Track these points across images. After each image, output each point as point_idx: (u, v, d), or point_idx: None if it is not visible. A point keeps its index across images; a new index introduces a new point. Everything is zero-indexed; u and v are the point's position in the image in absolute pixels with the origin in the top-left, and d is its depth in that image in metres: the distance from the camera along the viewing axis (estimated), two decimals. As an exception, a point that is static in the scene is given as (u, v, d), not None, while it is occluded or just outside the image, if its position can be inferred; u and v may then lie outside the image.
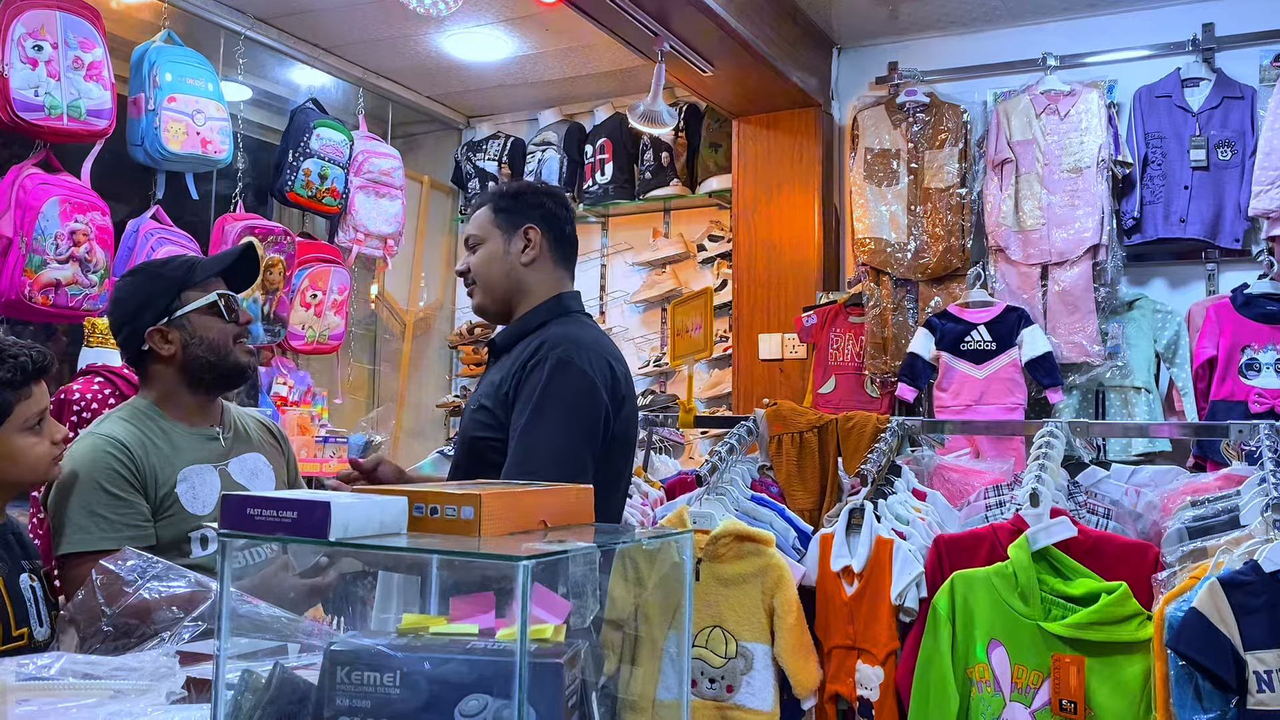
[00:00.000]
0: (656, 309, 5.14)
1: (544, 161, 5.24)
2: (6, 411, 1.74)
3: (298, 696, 1.19)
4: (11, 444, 1.76)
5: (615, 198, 5.04)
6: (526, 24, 4.39)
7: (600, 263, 5.35)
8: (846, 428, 2.84)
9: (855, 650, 2.48)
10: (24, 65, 3.28)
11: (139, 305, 2.10)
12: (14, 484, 1.82)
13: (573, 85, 5.11)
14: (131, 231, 3.68)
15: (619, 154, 5.02)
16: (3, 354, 1.75)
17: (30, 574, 1.79)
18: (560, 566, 1.28)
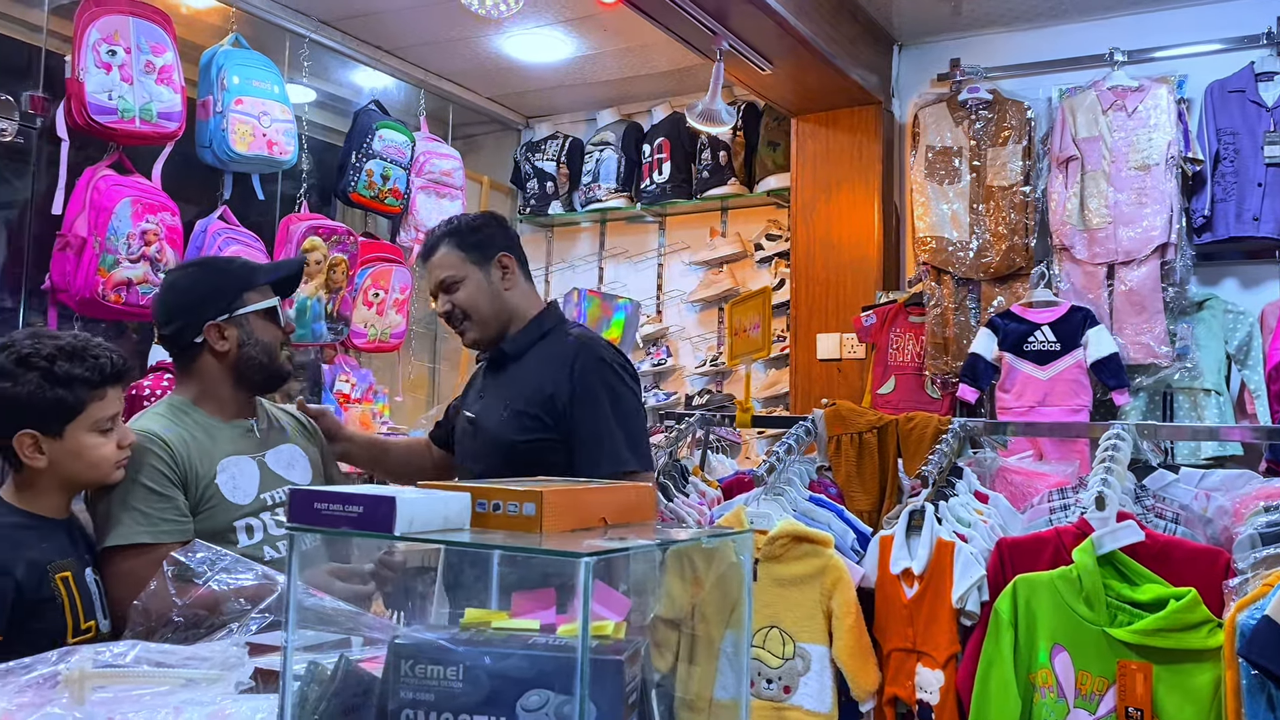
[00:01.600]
0: (713, 308, 5.13)
1: (602, 161, 5.26)
2: (79, 409, 1.78)
3: (362, 689, 1.21)
4: (79, 441, 1.79)
5: (672, 197, 5.04)
6: (585, 25, 4.41)
7: (657, 262, 5.35)
8: (907, 429, 2.81)
9: (915, 653, 2.45)
10: (99, 70, 3.37)
11: (201, 298, 2.12)
12: (76, 481, 1.85)
13: (631, 85, 5.12)
14: (200, 231, 3.76)
15: (676, 153, 5.02)
16: (84, 352, 1.79)
17: (93, 567, 1.84)
18: (621, 564, 1.29)
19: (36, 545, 1.74)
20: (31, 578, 1.70)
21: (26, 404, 1.74)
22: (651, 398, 5.11)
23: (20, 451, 1.76)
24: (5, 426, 1.75)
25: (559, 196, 5.42)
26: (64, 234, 3.36)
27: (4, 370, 1.74)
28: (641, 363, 5.15)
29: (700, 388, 5.05)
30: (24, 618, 1.68)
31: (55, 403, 1.75)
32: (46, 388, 1.74)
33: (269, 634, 1.41)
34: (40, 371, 1.74)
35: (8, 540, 1.72)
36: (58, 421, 1.77)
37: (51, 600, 1.71)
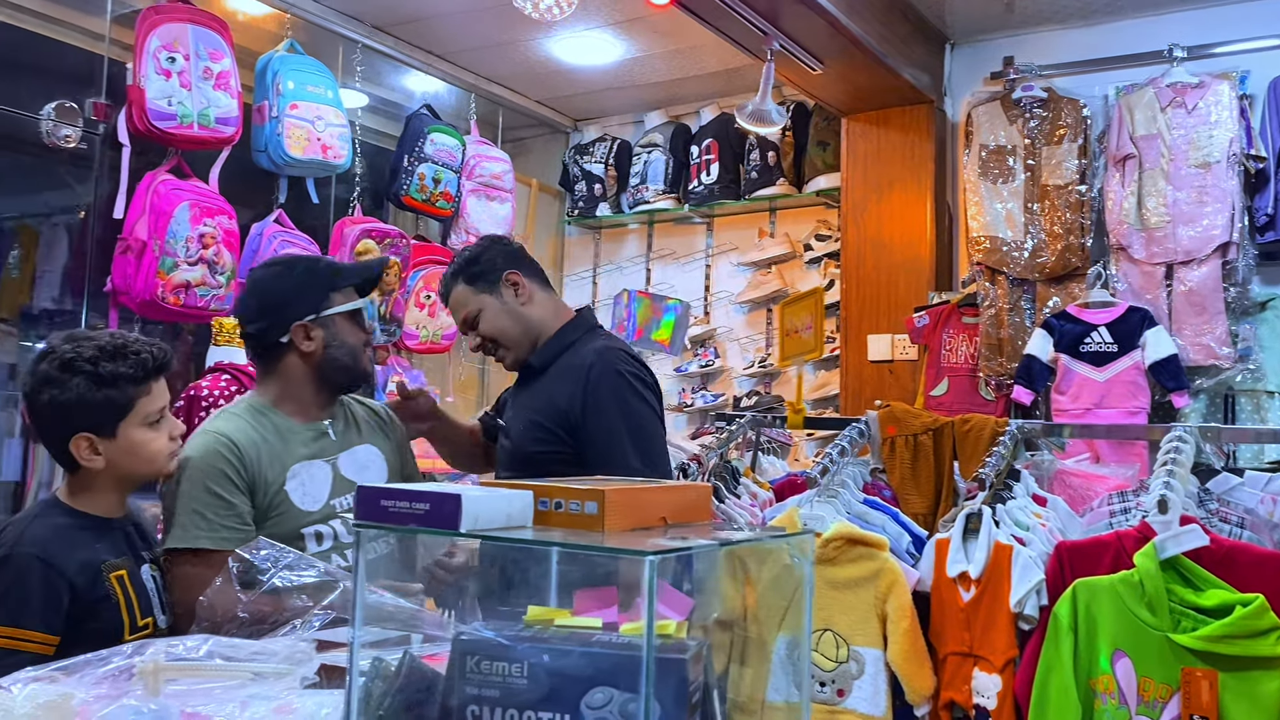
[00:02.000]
0: (762, 309, 5.11)
1: (650, 163, 5.27)
2: (128, 406, 1.79)
3: (425, 684, 1.22)
4: (130, 437, 1.81)
5: (721, 198, 5.03)
6: (635, 27, 4.42)
7: (705, 263, 5.35)
8: (963, 430, 2.78)
9: (972, 657, 2.42)
10: (158, 76, 3.44)
11: (289, 297, 2.11)
12: (131, 477, 1.86)
13: (679, 86, 5.12)
14: (256, 234, 3.82)
15: (725, 154, 5.01)
16: (126, 350, 1.80)
17: (150, 564, 1.86)
18: (682, 563, 1.29)
19: (91, 545, 1.76)
20: (86, 578, 1.72)
21: (77, 407, 1.75)
22: (699, 399, 5.11)
23: (78, 454, 1.78)
24: (59, 432, 1.77)
25: (607, 198, 5.43)
26: (125, 237, 3.43)
27: (50, 377, 1.76)
28: (689, 364, 5.15)
29: (748, 389, 5.03)
30: (81, 617, 1.71)
31: (105, 403, 1.77)
32: (94, 389, 1.76)
33: (332, 630, 1.43)
34: (85, 374, 1.75)
35: (62, 541, 1.74)
36: (109, 421, 1.78)
37: (107, 599, 1.73)
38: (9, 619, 1.66)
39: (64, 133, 3.50)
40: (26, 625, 1.65)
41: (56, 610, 1.68)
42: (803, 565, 1.84)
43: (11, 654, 1.63)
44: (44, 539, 1.73)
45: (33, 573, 1.68)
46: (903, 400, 3.79)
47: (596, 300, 5.68)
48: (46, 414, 1.77)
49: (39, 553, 1.70)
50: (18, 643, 1.64)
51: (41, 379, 1.76)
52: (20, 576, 1.68)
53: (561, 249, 5.82)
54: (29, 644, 1.65)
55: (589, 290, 5.71)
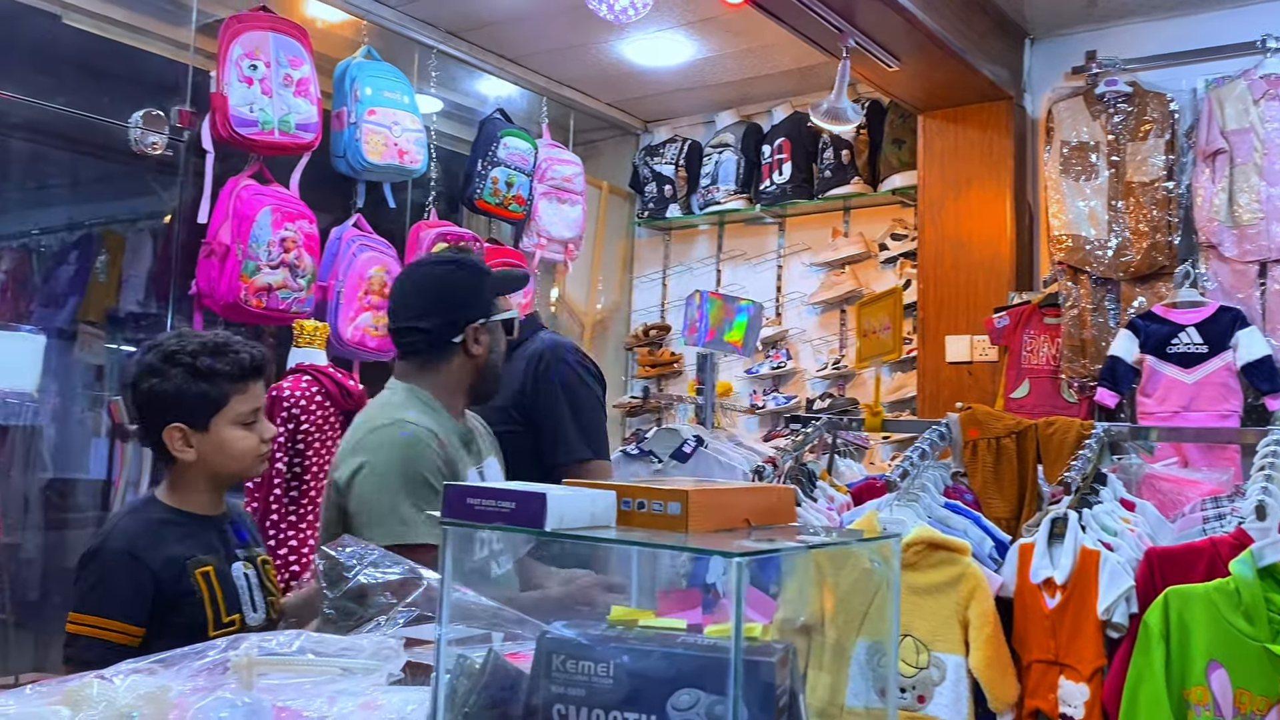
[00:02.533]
0: (835, 310, 5.06)
1: (721, 163, 5.25)
2: (222, 402, 1.83)
3: (509, 683, 1.22)
4: (223, 434, 1.84)
5: (793, 197, 4.99)
6: (707, 27, 4.41)
7: (776, 264, 5.31)
8: (1047, 433, 2.72)
9: (1057, 665, 2.36)
10: (241, 84, 3.52)
11: (465, 297, 2.12)
12: (221, 475, 1.89)
13: (751, 86, 5.10)
14: (335, 239, 3.89)
15: (797, 153, 4.97)
16: (226, 349, 1.84)
17: (245, 562, 1.89)
18: (766, 566, 1.27)
19: (179, 541, 1.80)
20: (170, 572, 1.76)
21: (174, 398, 1.80)
22: (770, 401, 5.07)
23: (170, 445, 1.82)
24: (156, 421, 1.82)
25: (677, 199, 5.42)
26: (209, 242, 3.51)
27: (153, 367, 1.81)
28: (760, 366, 5.11)
29: (821, 391, 4.98)
30: (166, 611, 1.75)
31: (200, 396, 1.81)
32: (192, 382, 1.80)
33: (416, 627, 1.44)
34: (185, 367, 1.80)
35: (150, 536, 1.78)
36: (203, 415, 1.82)
37: (191, 594, 1.77)
38: (97, 609, 1.71)
39: (151, 140, 3.60)
40: (113, 616, 1.70)
41: (141, 603, 1.73)
42: (884, 570, 1.80)
43: (99, 643, 1.68)
44: (133, 533, 1.78)
45: (120, 566, 1.73)
46: (982, 403, 3.72)
47: (666, 302, 5.68)
48: (145, 403, 1.82)
49: (126, 546, 1.75)
50: (105, 632, 1.70)
51: (144, 369, 1.81)
52: (108, 569, 1.74)
53: (631, 251, 5.83)
54: (115, 634, 1.70)
55: (658, 292, 5.71)
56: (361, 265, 3.85)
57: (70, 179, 4.54)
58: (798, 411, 4.80)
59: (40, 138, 4.04)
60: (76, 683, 1.04)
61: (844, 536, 1.57)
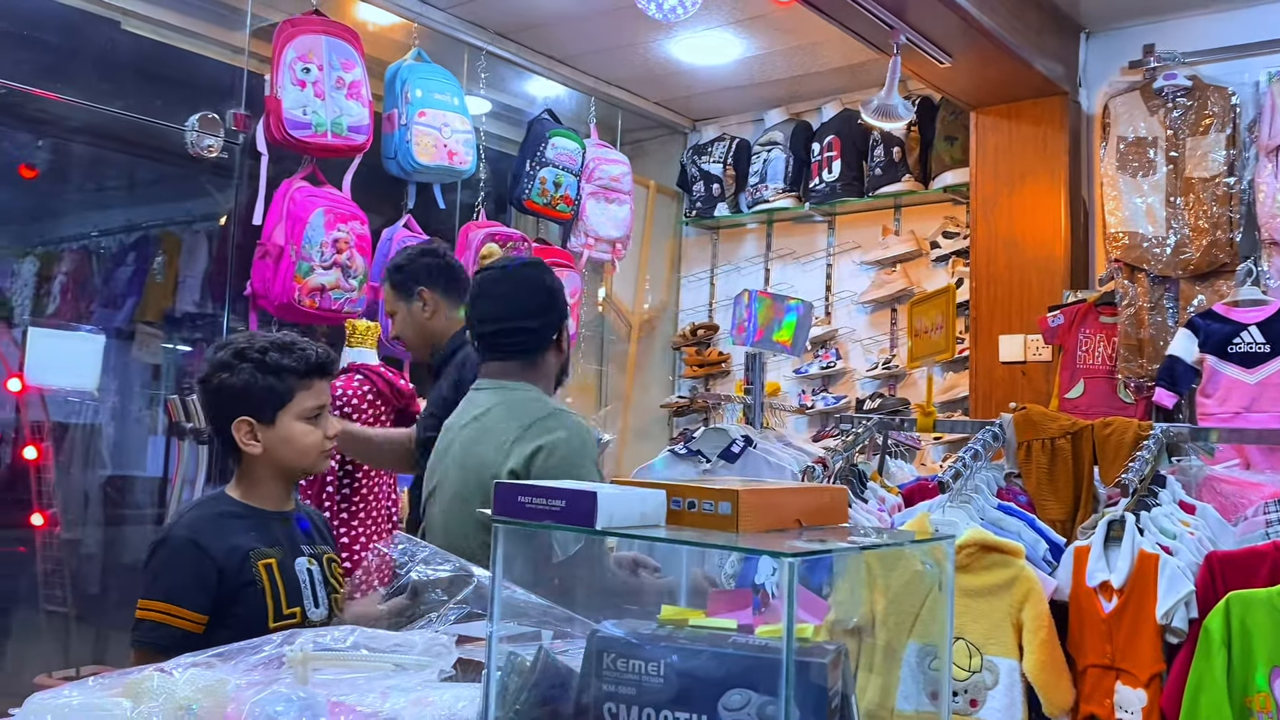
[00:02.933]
0: (885, 309, 5.01)
1: (769, 161, 5.22)
2: (288, 397, 1.90)
3: (559, 681, 1.23)
4: (288, 427, 1.90)
5: (843, 195, 4.95)
6: (755, 25, 4.39)
7: (826, 262, 5.27)
8: (1104, 434, 2.66)
9: (1114, 670, 2.32)
10: (294, 87, 3.57)
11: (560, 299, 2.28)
12: (287, 469, 1.95)
13: (800, 83, 5.07)
14: (386, 239, 3.93)
15: (847, 151, 4.93)
16: (293, 346, 1.92)
17: (309, 558, 1.93)
18: (818, 566, 1.26)
19: (243, 533, 1.86)
20: (232, 562, 1.81)
21: (242, 392, 1.87)
22: (819, 401, 5.04)
23: (238, 438, 1.88)
24: (225, 414, 1.89)
25: (725, 198, 5.41)
26: (263, 243, 3.56)
27: (224, 363, 1.89)
28: (809, 365, 5.08)
29: (871, 391, 4.94)
30: (227, 601, 1.80)
31: (267, 391, 1.88)
32: (260, 377, 1.87)
33: (467, 624, 1.45)
34: (254, 363, 1.88)
35: (214, 527, 1.85)
36: (270, 409, 1.89)
37: (252, 585, 1.82)
38: (163, 595, 1.77)
39: (206, 143, 3.66)
40: (178, 602, 1.76)
41: (205, 590, 1.78)
42: (936, 571, 1.78)
43: (164, 627, 1.75)
44: (199, 524, 1.85)
45: (184, 554, 1.80)
46: (1035, 403, 3.66)
47: (714, 301, 5.66)
48: (216, 397, 1.90)
49: (192, 536, 1.81)
50: (170, 618, 1.76)
51: (215, 365, 1.90)
52: (173, 557, 1.80)
53: (679, 250, 5.82)
54: (179, 620, 1.76)
55: (706, 291, 5.70)
56: (412, 265, 3.88)
57: (128, 181, 4.64)
58: (847, 412, 4.76)
59: (99, 141, 4.13)
60: (137, 675, 1.06)
61: (896, 538, 1.56)
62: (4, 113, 3.69)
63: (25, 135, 3.60)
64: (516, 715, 1.20)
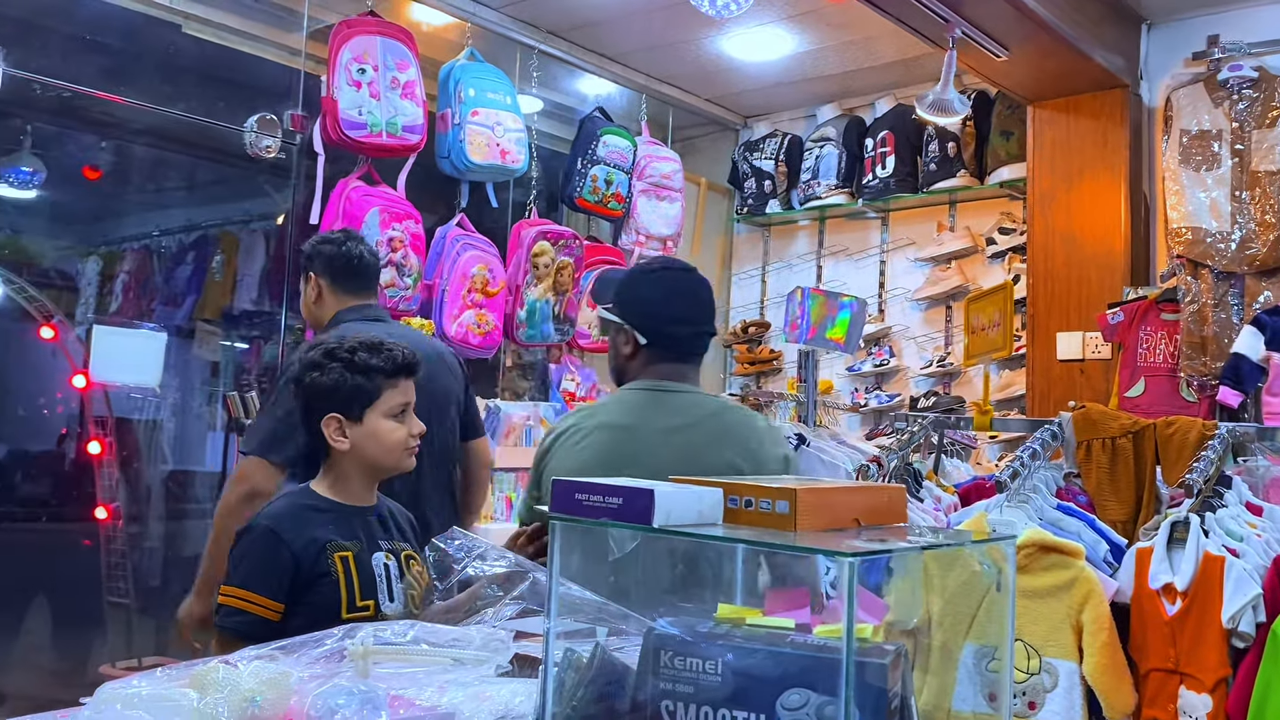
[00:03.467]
0: (940, 306, 4.96)
1: (822, 158, 5.18)
2: (375, 395, 1.96)
3: (616, 678, 1.23)
4: (375, 425, 1.97)
5: (897, 191, 4.90)
6: (808, 20, 4.36)
7: (879, 259, 5.22)
8: (1166, 434, 2.61)
9: (1177, 674, 2.27)
10: (350, 88, 3.61)
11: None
12: (373, 465, 2.00)
13: (853, 79, 5.02)
14: (440, 238, 3.96)
15: (901, 146, 4.88)
16: (380, 347, 1.99)
17: (387, 554, 1.98)
18: (874, 566, 1.25)
19: (321, 526, 1.92)
20: (309, 553, 1.87)
21: (332, 390, 1.94)
22: (873, 399, 4.99)
23: (328, 434, 1.95)
24: (316, 411, 1.96)
25: (777, 195, 5.38)
26: (320, 242, 3.60)
27: (315, 363, 1.97)
28: (862, 363, 5.04)
29: (926, 389, 4.89)
30: (302, 590, 1.86)
31: (356, 389, 1.94)
32: (349, 376, 1.94)
33: (523, 620, 1.45)
34: (343, 362, 1.95)
35: (294, 519, 1.91)
36: (358, 406, 1.95)
37: (326, 576, 1.87)
38: (240, 582, 1.84)
39: (265, 143, 3.72)
40: (256, 589, 1.83)
41: (281, 579, 1.84)
42: (993, 572, 1.75)
43: (241, 613, 1.82)
44: (280, 515, 1.91)
45: (264, 543, 1.86)
46: (1094, 401, 3.60)
47: (765, 298, 5.64)
48: (308, 394, 1.97)
49: (272, 526, 1.88)
50: (248, 604, 1.82)
51: (307, 364, 1.98)
52: (254, 546, 1.87)
53: (730, 247, 5.81)
54: (256, 606, 1.82)
55: (757, 289, 5.67)
56: (465, 264, 3.91)
57: (188, 182, 4.73)
58: (900, 410, 4.72)
59: (161, 142, 4.22)
60: (203, 666, 1.07)
61: (956, 538, 1.54)
62: (69, 115, 3.78)
63: (89, 137, 3.68)
64: (573, 711, 1.20)
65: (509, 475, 3.96)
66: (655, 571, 2.11)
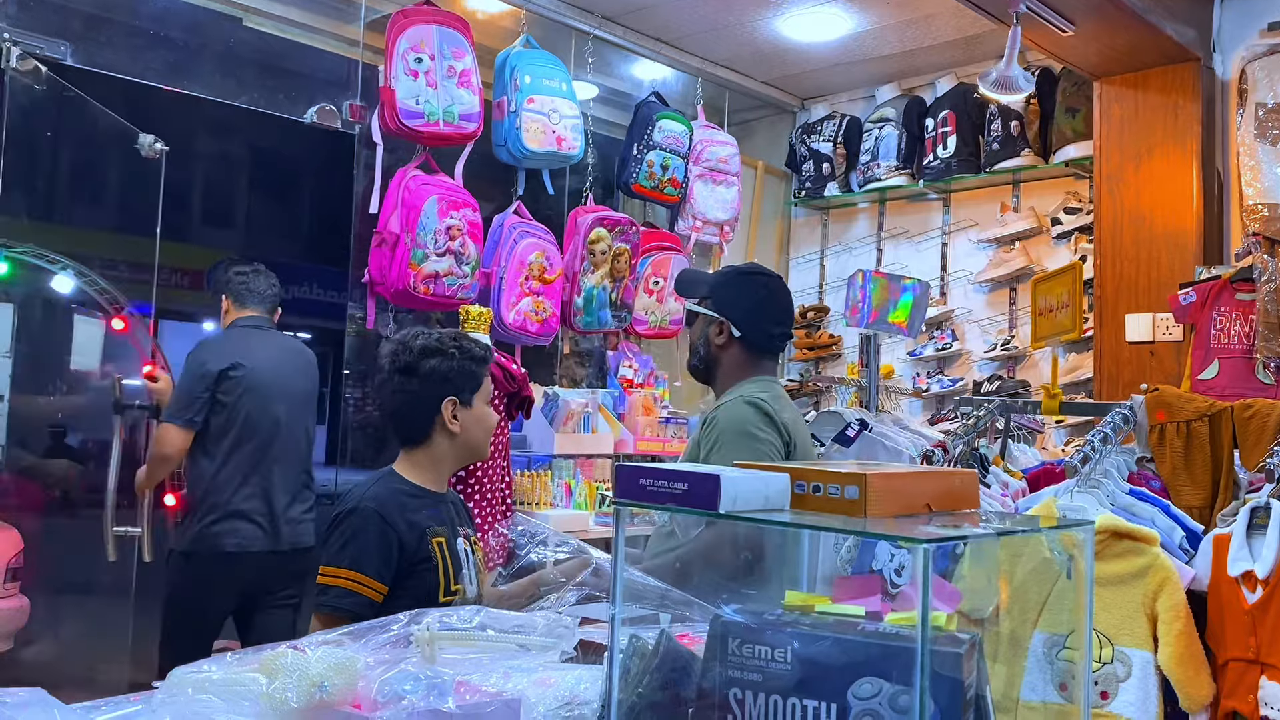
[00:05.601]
0: (1004, 289, 4.86)
1: (881, 139, 5.10)
2: (481, 380, 2.04)
3: (681, 664, 1.21)
4: (481, 409, 2.04)
5: (958, 172, 4.81)
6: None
7: (941, 241, 5.13)
8: (1244, 417, 2.52)
9: (1258, 665, 2.20)
10: (407, 77, 3.62)
11: None
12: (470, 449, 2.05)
13: (912, 58, 4.93)
14: (497, 226, 3.97)
15: (963, 126, 4.79)
16: (466, 338, 2.07)
17: (464, 538, 2.01)
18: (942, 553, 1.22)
19: (418, 511, 1.96)
20: (412, 537, 1.90)
21: (451, 375, 2.00)
22: (935, 384, 4.91)
23: (445, 417, 2.00)
24: (436, 394, 2.01)
25: (835, 178, 5.31)
26: (380, 231, 3.63)
27: (429, 348, 2.02)
28: (924, 347, 4.96)
29: (989, 373, 4.80)
30: (406, 574, 1.89)
31: (471, 375, 2.02)
32: (467, 362, 2.01)
33: (586, 606, 1.45)
34: (457, 349, 2.02)
35: (398, 504, 1.95)
36: (469, 392, 2.02)
37: (428, 560, 1.91)
38: (350, 563, 1.86)
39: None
40: (365, 570, 1.85)
41: (388, 562, 1.87)
42: (1063, 559, 1.71)
43: (350, 594, 1.84)
44: (383, 499, 1.94)
45: (372, 526, 1.89)
46: (1166, 384, 3.50)
47: (824, 283, 5.57)
48: (426, 380, 2.01)
49: (378, 509, 1.91)
50: (357, 585, 1.84)
51: (420, 351, 2.02)
52: (362, 527, 1.89)
53: (788, 231, 5.74)
54: (364, 588, 1.84)
55: (816, 273, 5.61)
56: (523, 251, 3.91)
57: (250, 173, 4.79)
58: (964, 394, 4.63)
59: (223, 134, 4.27)
60: (271, 652, 1.08)
61: (1029, 524, 1.50)
62: (134, 108, 3.84)
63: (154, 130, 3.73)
64: (639, 698, 1.19)
65: (567, 462, 3.96)
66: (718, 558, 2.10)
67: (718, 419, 2.34)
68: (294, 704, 1.00)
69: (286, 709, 1.00)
